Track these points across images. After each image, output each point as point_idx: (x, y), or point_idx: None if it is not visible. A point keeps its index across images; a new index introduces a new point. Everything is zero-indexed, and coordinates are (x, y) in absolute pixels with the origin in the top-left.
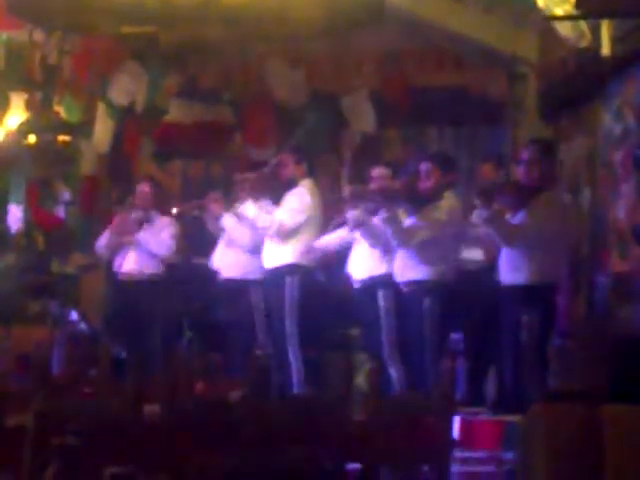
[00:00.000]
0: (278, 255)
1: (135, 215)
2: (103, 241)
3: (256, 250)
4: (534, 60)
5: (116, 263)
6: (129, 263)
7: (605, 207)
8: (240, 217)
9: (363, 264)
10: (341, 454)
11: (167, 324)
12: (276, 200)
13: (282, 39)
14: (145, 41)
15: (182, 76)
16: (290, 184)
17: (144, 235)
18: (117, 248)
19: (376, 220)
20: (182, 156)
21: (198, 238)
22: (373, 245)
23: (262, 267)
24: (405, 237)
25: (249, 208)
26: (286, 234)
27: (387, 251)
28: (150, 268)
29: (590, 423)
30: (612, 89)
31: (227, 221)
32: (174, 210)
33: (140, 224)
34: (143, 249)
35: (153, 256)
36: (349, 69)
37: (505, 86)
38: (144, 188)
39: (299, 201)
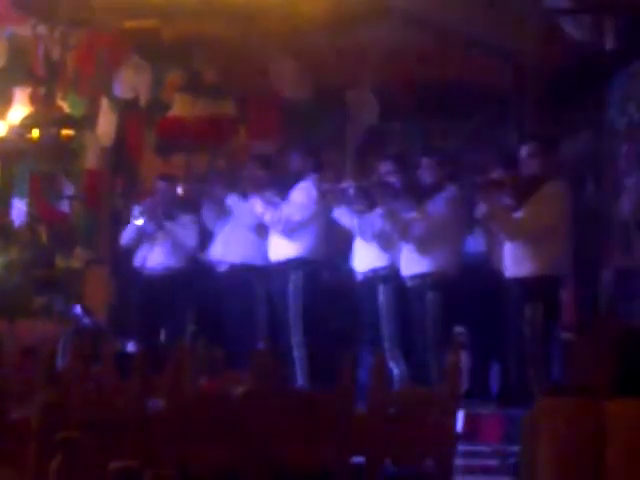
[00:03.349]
0: (283, 249)
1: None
2: (130, 231)
3: (260, 232)
4: (538, 54)
5: (139, 260)
6: (153, 257)
7: (609, 201)
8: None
9: (364, 257)
10: (344, 448)
11: (173, 318)
12: (282, 193)
13: (286, 33)
14: (148, 36)
15: (186, 71)
16: (296, 178)
17: (170, 226)
18: (144, 237)
19: (375, 214)
20: (186, 150)
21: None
22: (369, 239)
23: (266, 252)
24: (404, 230)
25: (256, 203)
26: (294, 229)
27: (386, 243)
28: (173, 262)
29: (594, 417)
30: (616, 83)
31: (231, 200)
32: (179, 189)
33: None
34: (166, 244)
35: (175, 250)
36: (353, 63)
37: (509, 80)
38: (162, 186)
39: (306, 195)
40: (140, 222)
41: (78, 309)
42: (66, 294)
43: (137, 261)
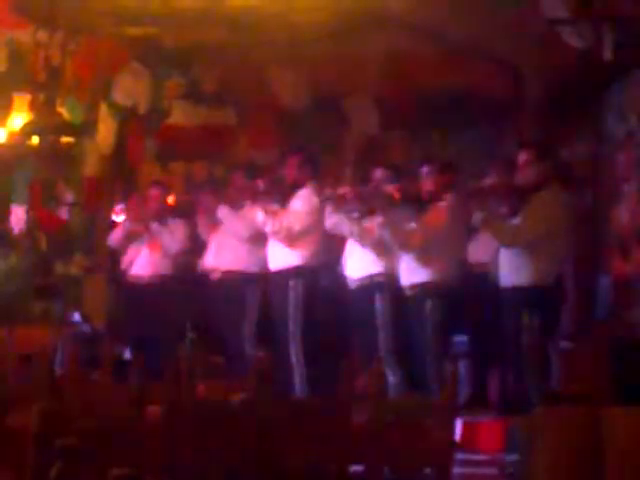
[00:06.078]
0: (283, 258)
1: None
2: (118, 231)
3: (254, 240)
4: (537, 62)
5: (126, 264)
6: (140, 264)
7: (607, 209)
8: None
9: (359, 263)
10: (343, 456)
11: (170, 325)
12: (280, 202)
13: (285, 42)
14: (148, 43)
15: (185, 78)
16: (295, 186)
17: (158, 227)
18: (131, 237)
19: (373, 223)
20: (185, 158)
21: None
22: (367, 246)
23: (260, 260)
24: (403, 241)
25: (257, 212)
26: (295, 238)
27: (384, 251)
28: (161, 269)
29: (592, 425)
30: (615, 92)
31: (222, 212)
32: (170, 199)
33: (155, 215)
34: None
35: (163, 257)
36: (352, 71)
37: (508, 88)
38: (154, 192)
39: (306, 204)
40: (121, 218)
41: (77, 316)
42: (65, 301)
43: (124, 265)
